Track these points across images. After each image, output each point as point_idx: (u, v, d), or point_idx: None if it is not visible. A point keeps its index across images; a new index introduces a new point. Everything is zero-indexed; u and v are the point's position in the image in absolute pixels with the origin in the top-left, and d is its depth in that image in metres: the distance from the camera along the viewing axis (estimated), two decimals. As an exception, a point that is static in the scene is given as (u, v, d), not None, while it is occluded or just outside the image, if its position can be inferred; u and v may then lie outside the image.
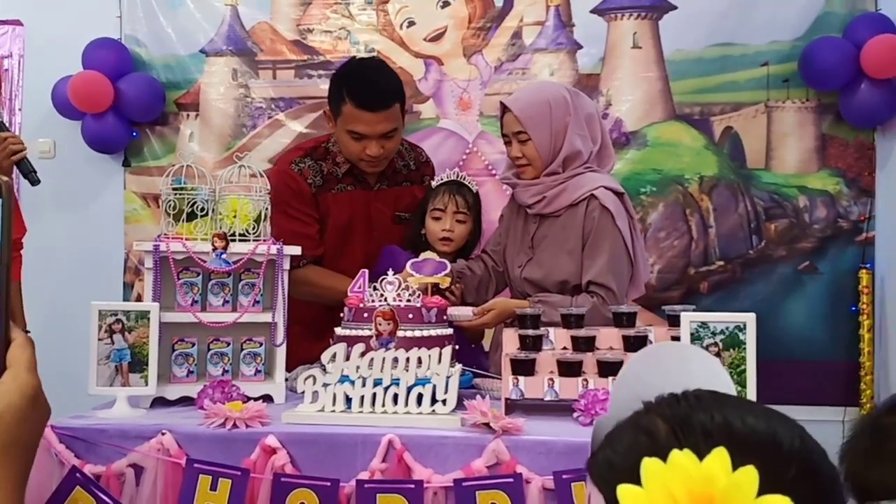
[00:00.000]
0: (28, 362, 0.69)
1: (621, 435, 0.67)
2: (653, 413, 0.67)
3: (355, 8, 3.59)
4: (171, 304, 2.01)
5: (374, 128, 2.33)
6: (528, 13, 3.51)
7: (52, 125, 3.64)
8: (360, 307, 1.92)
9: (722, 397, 0.70)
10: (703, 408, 0.66)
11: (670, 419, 0.65)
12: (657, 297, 3.34)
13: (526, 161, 2.26)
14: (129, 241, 3.64)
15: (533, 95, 2.31)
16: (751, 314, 1.72)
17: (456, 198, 2.39)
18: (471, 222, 2.43)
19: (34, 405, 0.67)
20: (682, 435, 0.63)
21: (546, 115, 2.22)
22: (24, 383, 0.67)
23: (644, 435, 0.65)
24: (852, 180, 3.39)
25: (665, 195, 3.44)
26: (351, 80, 2.37)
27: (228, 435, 1.73)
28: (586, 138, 2.26)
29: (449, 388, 1.77)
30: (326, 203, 2.46)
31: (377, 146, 2.35)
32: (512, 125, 2.25)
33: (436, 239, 2.39)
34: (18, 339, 0.69)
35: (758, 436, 0.65)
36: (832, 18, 3.35)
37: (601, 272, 2.16)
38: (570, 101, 2.25)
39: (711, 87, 3.43)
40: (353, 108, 2.31)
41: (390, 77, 2.43)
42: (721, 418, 0.65)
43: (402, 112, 2.40)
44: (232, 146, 3.59)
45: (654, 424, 0.65)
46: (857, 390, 3.30)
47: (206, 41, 3.64)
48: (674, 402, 0.68)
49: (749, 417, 0.66)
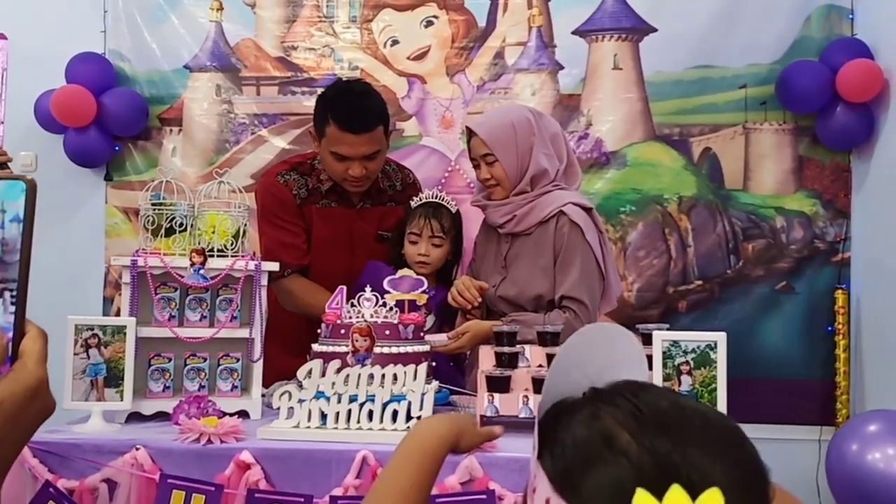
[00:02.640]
0: (38, 354, 0.70)
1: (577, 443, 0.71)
2: (603, 420, 0.70)
3: (339, 26, 3.62)
4: (148, 318, 2.02)
5: (357, 150, 2.35)
6: (511, 34, 3.55)
7: (34, 139, 3.63)
8: (338, 323, 1.92)
9: (655, 388, 0.76)
10: (652, 403, 0.71)
11: (627, 424, 0.69)
12: (636, 316, 3.38)
13: (495, 182, 2.31)
14: (110, 256, 3.62)
15: (498, 118, 2.35)
16: (721, 333, 1.74)
17: (431, 222, 2.41)
18: (448, 244, 2.45)
19: (35, 397, 0.68)
20: (641, 431, 0.68)
21: (511, 136, 2.27)
22: (30, 374, 0.69)
23: (600, 436, 0.69)
24: (828, 202, 3.44)
25: (644, 215, 3.47)
26: (335, 102, 2.40)
27: (203, 450, 1.73)
28: (552, 157, 2.30)
29: (424, 405, 1.78)
30: (310, 215, 2.48)
31: (360, 167, 2.37)
32: (479, 148, 2.30)
33: (413, 262, 2.42)
34: (32, 331, 0.71)
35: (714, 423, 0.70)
36: (809, 43, 3.40)
37: (573, 286, 2.20)
38: (534, 122, 2.30)
39: (690, 109, 3.47)
40: (337, 130, 2.34)
41: (374, 100, 2.45)
42: (675, 410, 0.70)
43: (385, 134, 2.43)
44: (214, 162, 3.60)
45: (611, 432, 0.69)
46: (833, 410, 3.33)
47: (189, 57, 3.65)
48: (622, 402, 0.71)
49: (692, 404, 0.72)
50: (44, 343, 0.71)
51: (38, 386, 0.69)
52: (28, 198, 0.70)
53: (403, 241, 2.47)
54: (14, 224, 0.70)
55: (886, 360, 3.16)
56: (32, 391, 0.68)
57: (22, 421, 0.68)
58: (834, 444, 2.48)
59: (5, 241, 0.70)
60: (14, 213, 0.70)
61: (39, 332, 0.71)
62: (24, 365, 0.69)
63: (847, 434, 2.44)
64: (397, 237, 2.49)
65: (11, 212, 0.70)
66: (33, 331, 0.71)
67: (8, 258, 0.70)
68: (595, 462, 0.67)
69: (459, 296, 2.26)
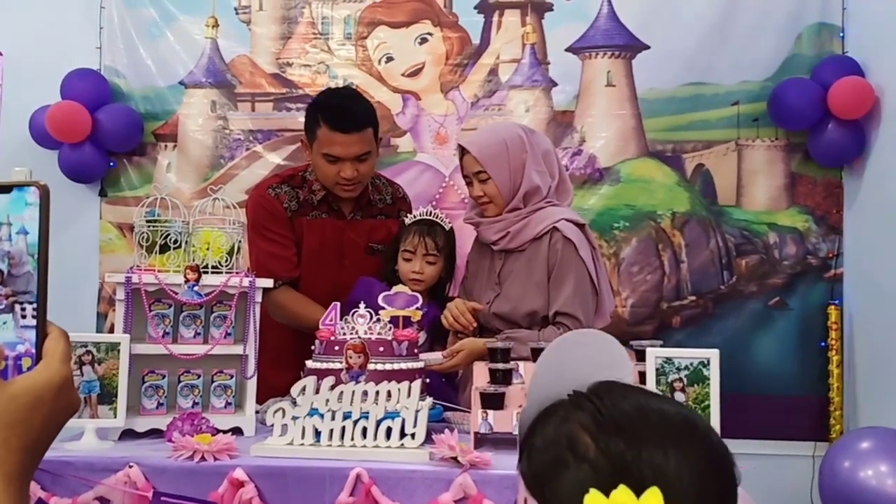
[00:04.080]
0: (62, 354, 0.72)
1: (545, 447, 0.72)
2: (571, 423, 0.72)
3: (334, 43, 3.64)
4: (142, 335, 2.01)
5: (348, 149, 2.38)
6: (505, 51, 3.58)
7: (29, 154, 3.62)
8: (332, 340, 1.93)
9: (626, 389, 0.76)
10: (616, 405, 0.72)
11: (590, 427, 0.70)
12: (630, 331, 3.38)
13: (487, 199, 2.32)
14: (104, 271, 3.62)
15: (489, 136, 2.37)
16: (714, 350, 1.75)
17: (426, 239, 2.42)
18: (442, 261, 2.46)
19: (58, 394, 0.70)
20: (600, 433, 0.69)
21: (503, 153, 2.28)
22: (54, 372, 0.71)
23: (565, 439, 0.70)
24: (821, 218, 3.45)
25: (638, 230, 3.49)
26: (325, 105, 2.46)
27: (196, 468, 1.73)
28: (544, 174, 2.32)
29: (418, 422, 1.77)
30: (301, 227, 2.51)
31: (351, 169, 2.40)
32: (471, 166, 2.31)
33: (406, 279, 2.42)
34: (54, 332, 0.73)
35: (671, 420, 0.71)
36: (800, 60, 3.43)
37: (567, 302, 2.21)
38: (526, 139, 2.31)
39: (683, 125, 3.49)
40: (328, 130, 2.38)
41: (363, 102, 2.54)
42: (635, 411, 0.71)
43: (375, 138, 2.46)
44: (209, 177, 3.61)
45: (575, 435, 0.70)
46: (827, 425, 3.33)
47: (185, 73, 3.66)
48: (587, 404, 0.73)
49: (656, 404, 0.73)
50: (66, 343, 0.73)
51: (61, 383, 0.71)
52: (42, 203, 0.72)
53: (396, 258, 2.47)
54: (21, 236, 0.72)
55: (880, 376, 3.17)
56: (56, 387, 0.70)
57: (39, 415, 0.69)
58: (827, 461, 2.49)
59: (12, 254, 0.72)
60: (20, 225, 0.72)
61: (61, 332, 0.73)
62: (48, 364, 0.71)
63: (840, 451, 2.44)
64: (390, 253, 2.50)
65: (17, 224, 0.72)
66: (55, 331, 0.73)
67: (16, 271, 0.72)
68: (560, 466, 0.69)
69: (455, 321, 2.27)
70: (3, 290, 0.72)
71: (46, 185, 0.72)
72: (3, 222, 0.71)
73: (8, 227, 0.72)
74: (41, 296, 0.72)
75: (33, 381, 0.70)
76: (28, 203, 0.71)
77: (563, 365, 0.80)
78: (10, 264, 0.72)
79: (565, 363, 0.80)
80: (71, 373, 0.72)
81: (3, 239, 0.71)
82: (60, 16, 3.66)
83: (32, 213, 0.72)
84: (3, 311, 0.72)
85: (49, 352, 0.72)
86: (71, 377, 0.72)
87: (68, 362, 0.72)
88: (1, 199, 0.71)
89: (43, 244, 0.72)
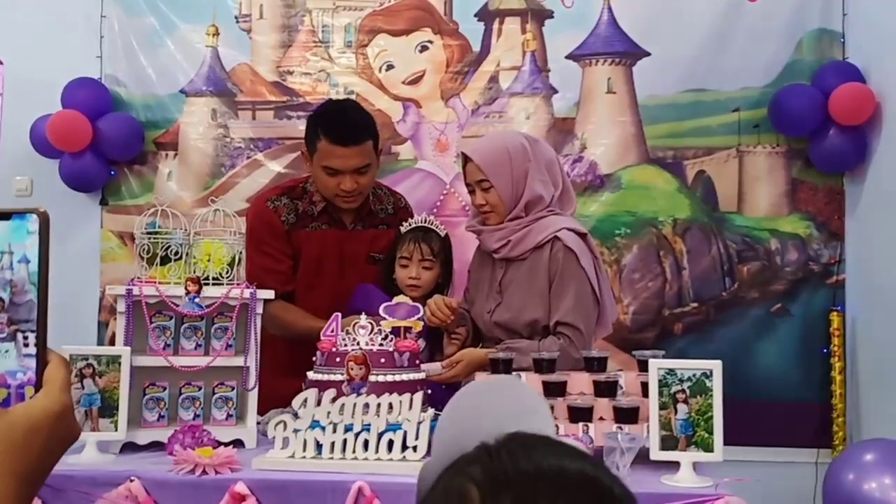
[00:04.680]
0: (62, 382, 0.72)
1: (435, 498, 0.69)
2: (463, 476, 0.67)
3: (335, 51, 3.64)
4: (143, 347, 2.01)
5: (348, 162, 2.39)
6: (505, 58, 3.58)
7: (30, 163, 3.64)
8: (333, 351, 1.92)
9: (531, 441, 0.71)
10: (512, 459, 0.67)
11: (481, 482, 0.65)
12: (632, 339, 3.38)
13: (489, 208, 2.32)
14: (105, 280, 3.63)
15: (492, 144, 2.37)
16: (717, 361, 1.74)
17: (421, 245, 2.43)
18: (438, 267, 2.47)
19: (57, 423, 0.70)
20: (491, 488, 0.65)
21: (506, 162, 2.28)
22: (54, 400, 0.70)
23: (455, 494, 0.66)
24: (822, 224, 3.45)
25: (639, 237, 3.48)
26: (325, 117, 2.47)
27: (198, 481, 1.72)
28: (547, 183, 2.32)
29: (420, 434, 1.77)
30: (299, 240, 2.51)
31: (351, 181, 2.41)
32: (474, 174, 2.31)
33: (404, 285, 2.43)
34: (54, 359, 0.73)
35: (569, 477, 0.66)
36: (801, 66, 3.43)
37: (568, 312, 2.20)
38: (529, 148, 2.31)
39: (684, 132, 3.49)
40: (328, 143, 2.39)
41: (363, 115, 2.54)
42: (531, 466, 0.66)
43: (375, 150, 2.46)
44: (210, 186, 3.61)
45: (465, 488, 0.66)
46: (830, 432, 3.33)
47: (186, 81, 3.67)
48: (484, 458, 0.68)
49: (556, 459, 0.68)
50: (67, 371, 0.73)
51: (61, 411, 0.70)
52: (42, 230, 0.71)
53: (394, 266, 2.48)
54: (22, 265, 0.71)
55: (882, 382, 3.17)
56: (56, 416, 0.70)
57: (38, 442, 0.69)
58: (831, 473, 2.48)
59: (14, 283, 0.71)
60: (21, 253, 0.71)
61: (62, 360, 0.73)
62: (48, 392, 0.71)
63: (844, 463, 2.44)
64: (388, 262, 2.51)
65: (19, 253, 0.71)
66: (56, 359, 0.73)
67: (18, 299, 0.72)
68: None
69: (433, 316, 2.27)
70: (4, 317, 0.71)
71: (46, 213, 0.72)
72: (4, 251, 0.71)
73: (9, 256, 0.71)
74: (41, 323, 0.72)
75: (32, 409, 0.69)
76: (29, 231, 0.71)
77: (472, 414, 0.75)
78: (13, 293, 0.71)
79: (475, 412, 0.75)
80: (71, 401, 0.72)
81: (4, 267, 0.71)
82: (61, 25, 3.66)
83: (34, 241, 0.71)
84: (6, 340, 0.72)
85: (49, 380, 0.72)
86: (71, 406, 0.72)
87: (68, 390, 0.72)
88: (1, 227, 0.71)
89: (43, 272, 0.72)
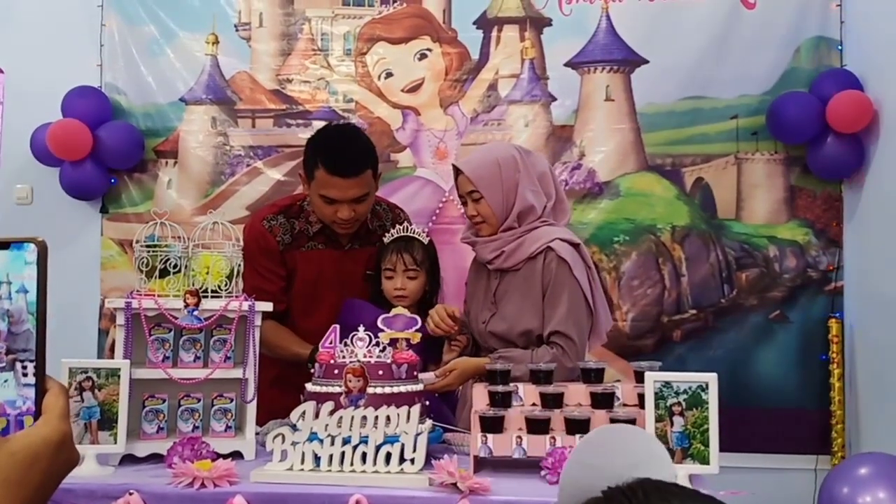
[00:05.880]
0: (61, 410, 0.72)
1: None
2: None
3: (334, 59, 3.66)
4: (142, 359, 2.02)
5: (346, 193, 2.38)
6: (504, 66, 3.59)
7: (30, 172, 3.65)
8: (331, 363, 1.93)
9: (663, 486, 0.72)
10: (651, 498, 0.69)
11: None
12: (631, 345, 3.39)
13: (481, 218, 2.33)
14: (106, 288, 3.65)
15: (483, 157, 2.39)
16: (713, 374, 1.75)
17: (403, 256, 2.43)
18: (423, 275, 2.47)
19: (56, 451, 0.70)
20: None
21: (496, 173, 2.30)
22: (53, 429, 0.70)
23: None
24: (821, 231, 3.46)
25: (638, 244, 3.49)
26: (324, 146, 2.43)
27: (197, 494, 1.73)
28: (539, 193, 2.33)
29: (417, 447, 1.77)
30: (294, 260, 2.50)
31: (348, 210, 2.40)
32: (465, 186, 2.33)
33: (391, 297, 2.44)
34: (53, 388, 0.73)
35: None
36: (799, 74, 3.44)
37: (561, 322, 2.22)
38: (520, 159, 2.33)
39: (682, 139, 3.50)
40: (326, 173, 2.37)
41: (362, 144, 2.49)
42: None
43: (374, 177, 2.45)
44: (210, 193, 3.62)
45: None
46: (829, 439, 3.33)
47: (185, 90, 3.68)
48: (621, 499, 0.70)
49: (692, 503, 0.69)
50: (65, 399, 0.73)
51: (61, 440, 0.71)
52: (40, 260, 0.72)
53: (381, 278, 2.49)
54: (20, 295, 0.72)
55: (881, 388, 3.17)
56: (56, 445, 0.70)
57: (37, 471, 0.69)
58: (825, 486, 2.49)
59: (12, 313, 0.72)
60: (20, 283, 0.72)
61: (60, 388, 0.73)
62: (47, 421, 0.71)
63: (838, 477, 2.44)
64: (374, 275, 2.52)
65: (17, 283, 0.72)
66: (55, 387, 0.73)
67: (16, 329, 0.72)
68: None
69: (437, 328, 2.29)
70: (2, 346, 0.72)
71: (44, 242, 0.73)
72: (2, 280, 0.72)
73: (8, 286, 0.72)
74: (39, 352, 0.72)
75: (31, 437, 0.70)
76: (27, 262, 0.72)
77: (599, 458, 0.77)
78: (10, 322, 0.72)
79: (601, 456, 0.77)
80: (70, 429, 0.72)
81: (2, 297, 0.72)
82: (61, 34, 3.68)
83: (31, 271, 0.72)
84: (4, 370, 0.72)
85: (48, 408, 0.72)
86: (70, 434, 0.72)
87: (67, 419, 0.72)
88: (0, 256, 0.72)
89: (41, 302, 0.72)
